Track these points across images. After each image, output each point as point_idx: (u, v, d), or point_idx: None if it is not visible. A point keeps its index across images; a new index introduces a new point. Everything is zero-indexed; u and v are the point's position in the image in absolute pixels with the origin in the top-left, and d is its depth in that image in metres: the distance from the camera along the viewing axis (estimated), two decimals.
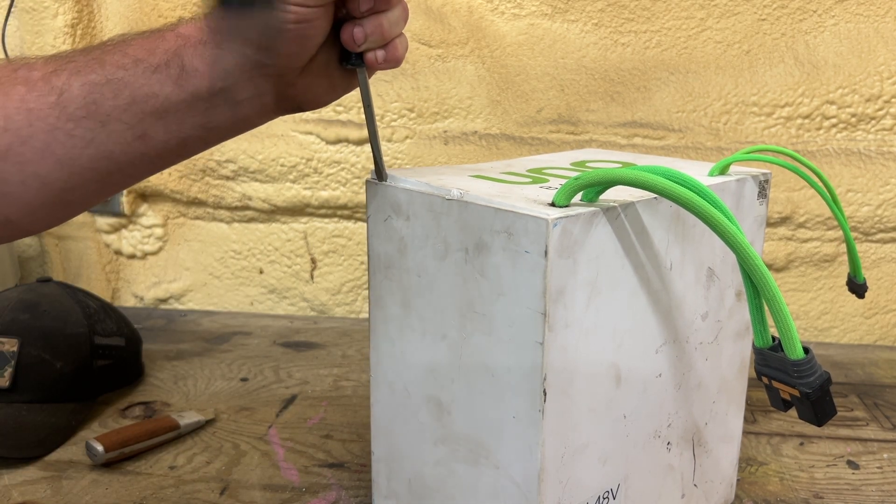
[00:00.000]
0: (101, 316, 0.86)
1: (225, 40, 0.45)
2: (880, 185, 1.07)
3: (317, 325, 1.13)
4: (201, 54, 0.45)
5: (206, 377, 0.92)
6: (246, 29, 0.44)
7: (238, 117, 0.47)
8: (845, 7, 1.03)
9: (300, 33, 0.44)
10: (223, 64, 0.45)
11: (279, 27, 0.43)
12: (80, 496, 0.67)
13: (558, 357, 0.45)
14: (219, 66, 0.45)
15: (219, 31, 0.45)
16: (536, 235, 0.43)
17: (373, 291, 0.55)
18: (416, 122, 1.11)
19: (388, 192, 0.52)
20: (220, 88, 0.45)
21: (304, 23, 0.44)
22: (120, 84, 0.44)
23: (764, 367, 0.44)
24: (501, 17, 1.07)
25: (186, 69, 0.45)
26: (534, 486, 0.47)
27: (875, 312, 1.12)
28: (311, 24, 0.44)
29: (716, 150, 1.08)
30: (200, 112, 0.46)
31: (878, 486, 0.71)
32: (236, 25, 0.44)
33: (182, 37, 0.45)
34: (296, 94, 0.49)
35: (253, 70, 0.45)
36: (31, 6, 1.09)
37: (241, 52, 0.45)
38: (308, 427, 0.80)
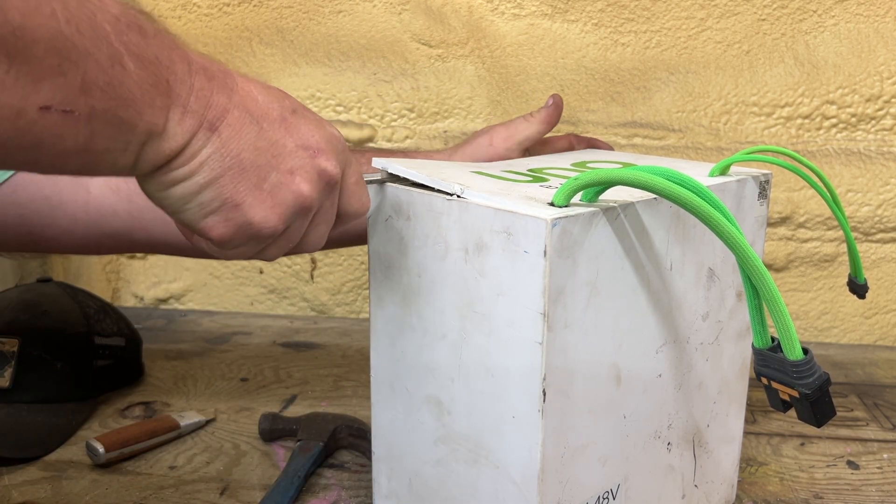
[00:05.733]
0: (101, 316, 0.86)
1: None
2: (880, 185, 1.07)
3: (317, 325, 1.13)
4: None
5: (206, 377, 0.92)
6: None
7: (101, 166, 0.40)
8: (845, 7, 1.03)
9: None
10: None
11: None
12: (80, 496, 0.67)
13: (558, 357, 0.45)
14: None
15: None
16: (536, 235, 0.43)
17: (373, 291, 0.55)
18: (416, 122, 1.11)
19: (388, 192, 0.52)
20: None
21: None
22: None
23: (763, 368, 0.44)
24: (501, 17, 1.07)
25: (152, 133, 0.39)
26: (533, 486, 0.47)
27: (875, 312, 1.12)
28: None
29: (716, 151, 1.08)
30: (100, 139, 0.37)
31: (878, 487, 0.71)
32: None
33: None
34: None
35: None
36: None
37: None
38: None
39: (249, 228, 0.43)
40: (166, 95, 0.38)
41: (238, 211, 0.42)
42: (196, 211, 0.42)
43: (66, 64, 0.34)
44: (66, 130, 0.35)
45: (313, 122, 0.45)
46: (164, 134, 0.39)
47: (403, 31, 1.09)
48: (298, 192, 0.43)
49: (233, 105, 0.41)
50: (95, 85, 0.35)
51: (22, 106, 0.33)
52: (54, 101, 0.34)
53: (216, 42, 1.13)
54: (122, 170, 0.39)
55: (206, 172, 0.41)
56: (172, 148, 0.39)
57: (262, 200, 0.42)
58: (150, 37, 0.38)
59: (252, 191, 0.42)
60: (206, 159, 0.40)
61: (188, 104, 0.39)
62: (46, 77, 0.33)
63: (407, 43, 1.09)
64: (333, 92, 1.12)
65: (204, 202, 0.41)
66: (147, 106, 0.37)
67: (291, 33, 1.11)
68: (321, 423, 0.75)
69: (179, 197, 0.41)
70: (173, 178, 0.40)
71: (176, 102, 0.39)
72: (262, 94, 0.43)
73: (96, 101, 0.35)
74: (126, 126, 0.37)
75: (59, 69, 0.34)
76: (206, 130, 0.40)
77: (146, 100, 0.37)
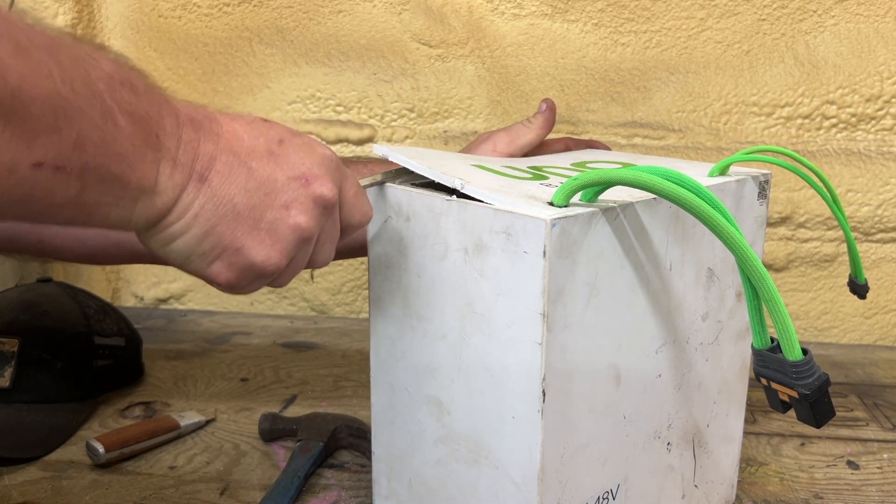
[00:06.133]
0: (101, 316, 0.86)
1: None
2: (880, 185, 1.07)
3: (317, 325, 1.13)
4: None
5: (206, 377, 0.92)
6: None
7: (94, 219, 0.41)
8: (845, 7, 1.03)
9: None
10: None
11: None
12: (80, 496, 0.67)
13: (557, 357, 0.45)
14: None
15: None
16: (535, 236, 0.43)
17: (373, 291, 0.55)
18: (416, 122, 1.11)
19: (388, 193, 0.52)
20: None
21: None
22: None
23: (763, 369, 0.44)
24: (501, 17, 1.07)
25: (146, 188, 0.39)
26: (533, 487, 0.47)
27: (875, 312, 1.12)
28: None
29: (716, 151, 1.08)
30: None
31: (878, 487, 0.71)
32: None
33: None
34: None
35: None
36: (31, 6, 1.09)
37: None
38: None
39: (254, 269, 0.44)
40: (156, 150, 0.39)
41: (240, 255, 0.43)
42: (200, 261, 0.43)
43: (60, 122, 0.34)
44: (58, 185, 0.36)
45: (302, 148, 0.45)
46: (156, 188, 0.39)
47: (403, 31, 1.09)
48: (296, 226, 0.44)
49: (220, 151, 0.42)
50: (89, 141, 0.36)
51: (15, 163, 0.33)
52: (47, 158, 0.34)
53: (216, 42, 1.13)
54: (116, 223, 0.40)
55: (202, 223, 0.41)
56: (165, 203, 0.40)
57: (261, 240, 0.43)
58: (142, 93, 0.39)
59: (250, 233, 0.43)
60: (199, 210, 0.41)
61: (177, 157, 0.40)
62: (41, 135, 0.34)
63: (407, 43, 1.09)
64: (333, 92, 1.12)
65: (205, 251, 0.42)
66: (139, 161, 0.38)
67: (291, 33, 1.11)
68: (321, 423, 0.75)
69: (181, 251, 0.42)
70: (171, 233, 0.42)
71: (166, 156, 0.39)
72: (247, 131, 0.44)
73: (89, 157, 0.36)
74: (118, 181, 0.38)
75: (53, 127, 0.34)
76: (196, 182, 0.41)
77: (137, 155, 0.38)
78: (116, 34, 1.15)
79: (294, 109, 1.13)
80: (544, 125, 0.73)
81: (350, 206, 0.48)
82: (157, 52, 1.14)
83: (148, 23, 1.13)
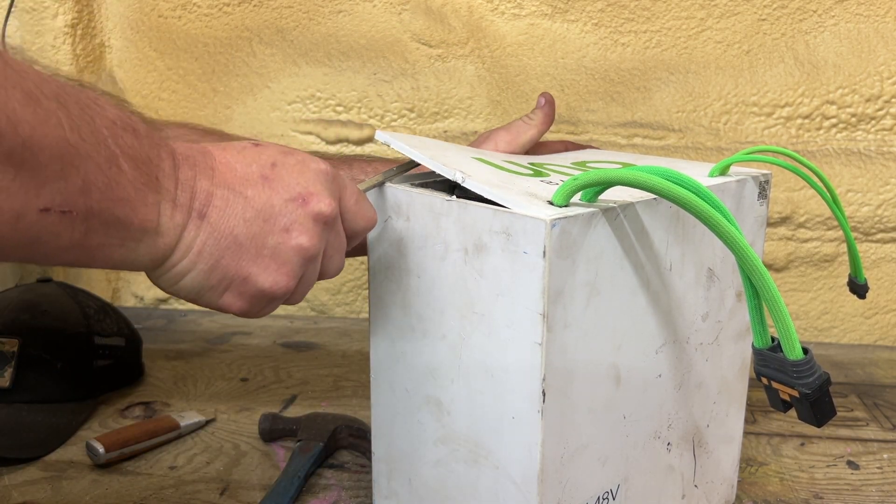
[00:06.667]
0: (101, 316, 0.86)
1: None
2: (880, 185, 1.07)
3: (317, 325, 1.13)
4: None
5: (206, 377, 0.92)
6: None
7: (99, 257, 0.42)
8: (845, 7, 1.03)
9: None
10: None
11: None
12: (80, 496, 0.67)
13: (557, 357, 0.45)
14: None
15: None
16: (535, 236, 0.43)
17: (373, 292, 0.55)
18: (416, 122, 1.11)
19: (387, 193, 0.52)
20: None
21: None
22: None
23: (763, 368, 0.44)
24: (501, 17, 1.07)
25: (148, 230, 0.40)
26: (533, 487, 0.47)
27: (875, 312, 1.12)
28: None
29: (716, 151, 1.08)
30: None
31: (878, 487, 0.71)
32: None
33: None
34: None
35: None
36: (31, 6, 1.09)
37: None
38: None
39: (264, 295, 0.45)
40: (157, 192, 0.40)
41: (248, 283, 0.44)
42: (211, 294, 0.44)
43: (68, 168, 0.35)
44: (63, 229, 0.36)
45: (295, 168, 0.45)
46: (158, 229, 0.40)
47: (403, 31, 1.09)
48: (299, 247, 0.44)
49: (215, 186, 0.42)
50: (94, 186, 0.37)
51: (24, 209, 0.34)
52: (54, 203, 0.35)
53: (216, 42, 1.13)
54: (120, 263, 0.41)
55: (206, 258, 0.42)
56: (168, 243, 0.41)
57: (266, 267, 0.44)
58: (143, 137, 0.40)
59: (255, 261, 0.43)
60: (202, 247, 0.42)
61: (177, 198, 0.41)
62: (49, 181, 0.35)
63: (407, 43, 1.09)
64: (333, 92, 1.12)
65: (214, 285, 0.44)
66: (141, 204, 0.39)
67: (291, 33, 1.11)
68: (321, 423, 0.75)
69: (191, 287, 0.43)
70: (178, 272, 0.43)
71: (166, 198, 0.40)
72: (239, 160, 0.44)
73: (94, 202, 0.37)
74: (121, 223, 0.39)
75: (61, 173, 0.35)
76: (196, 219, 0.42)
77: (139, 198, 0.39)
78: (116, 34, 1.15)
79: (294, 109, 1.13)
80: (544, 120, 0.72)
81: (353, 215, 0.49)
82: (157, 52, 1.14)
83: (148, 23, 1.13)
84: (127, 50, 1.15)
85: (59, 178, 0.35)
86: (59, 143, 0.35)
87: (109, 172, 0.37)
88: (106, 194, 0.37)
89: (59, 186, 0.35)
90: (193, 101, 1.14)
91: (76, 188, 0.36)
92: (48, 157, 0.34)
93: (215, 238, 0.42)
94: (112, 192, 0.37)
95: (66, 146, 0.35)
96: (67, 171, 0.35)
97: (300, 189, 0.45)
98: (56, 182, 0.35)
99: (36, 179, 0.34)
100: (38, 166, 0.34)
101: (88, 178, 0.36)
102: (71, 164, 0.35)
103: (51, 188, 0.35)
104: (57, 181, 0.35)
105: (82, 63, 1.13)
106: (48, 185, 0.35)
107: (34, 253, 0.37)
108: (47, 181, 0.34)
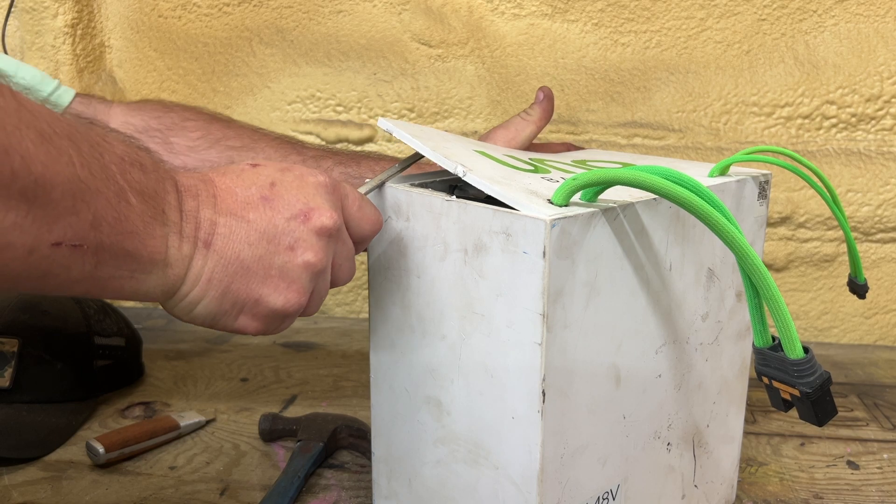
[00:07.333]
0: (101, 316, 0.86)
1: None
2: (880, 185, 1.07)
3: (317, 325, 1.13)
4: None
5: (206, 377, 0.92)
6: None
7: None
8: (845, 7, 1.02)
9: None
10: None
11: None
12: (80, 496, 0.67)
13: (557, 358, 0.45)
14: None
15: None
16: (535, 236, 0.43)
17: (373, 292, 0.55)
18: (416, 122, 1.11)
19: (387, 193, 0.52)
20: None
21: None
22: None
23: (764, 367, 0.44)
24: (501, 17, 1.07)
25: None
26: (533, 487, 0.47)
27: (875, 312, 1.12)
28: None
29: (716, 151, 1.08)
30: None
31: (878, 487, 0.71)
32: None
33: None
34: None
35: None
36: (31, 6, 1.09)
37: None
38: None
39: (277, 314, 0.45)
40: (164, 224, 0.41)
41: (260, 305, 0.45)
42: (225, 319, 0.45)
43: (79, 204, 0.36)
44: (74, 262, 0.37)
45: (294, 184, 0.46)
46: (167, 260, 0.41)
47: (403, 31, 1.09)
48: (306, 264, 0.45)
49: (218, 214, 0.43)
50: (104, 221, 0.37)
51: (36, 244, 0.35)
52: (66, 238, 0.36)
53: (216, 42, 1.13)
54: (130, 294, 0.42)
55: (216, 286, 0.43)
56: (177, 274, 0.42)
57: (276, 287, 0.44)
58: (150, 171, 0.41)
59: (264, 282, 0.44)
60: (211, 275, 0.43)
61: (182, 230, 0.42)
62: (61, 217, 0.35)
63: (407, 43, 1.09)
64: (333, 92, 1.12)
65: (227, 310, 0.44)
66: (149, 237, 0.40)
67: (291, 33, 1.11)
68: (321, 423, 0.75)
69: (206, 314, 0.44)
70: (190, 301, 0.43)
71: (173, 230, 0.41)
72: (239, 184, 0.45)
73: (104, 236, 0.38)
74: (130, 256, 0.39)
75: (72, 209, 0.36)
76: (203, 249, 0.42)
77: (148, 231, 0.40)
78: (116, 34, 1.15)
79: (294, 109, 1.13)
80: (543, 116, 0.72)
81: (357, 221, 0.49)
82: (157, 52, 1.14)
83: (148, 23, 1.13)
84: (127, 50, 1.15)
85: (71, 213, 0.36)
86: (71, 179, 0.36)
87: (119, 207, 0.38)
88: (115, 228, 0.38)
89: (70, 221, 0.36)
90: (193, 101, 1.14)
91: (87, 223, 0.37)
92: (60, 193, 0.35)
93: (223, 265, 0.43)
94: (121, 226, 0.38)
95: (77, 183, 0.36)
96: (78, 206, 0.36)
97: (301, 206, 0.45)
98: (68, 217, 0.36)
99: (48, 215, 0.35)
100: (51, 203, 0.35)
101: (98, 213, 0.37)
102: (82, 199, 0.36)
103: (63, 223, 0.36)
104: (68, 216, 0.36)
105: (82, 63, 1.13)
106: (60, 221, 0.35)
107: (46, 285, 0.38)
108: (59, 217, 0.35)
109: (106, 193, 0.37)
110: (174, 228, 0.41)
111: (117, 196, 0.38)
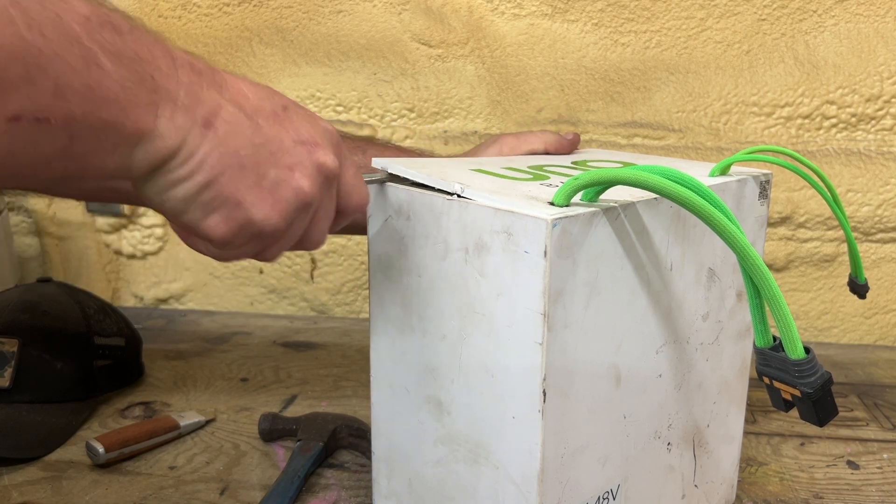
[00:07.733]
0: (101, 316, 0.86)
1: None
2: (880, 185, 1.07)
3: (317, 325, 1.13)
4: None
5: (206, 377, 0.92)
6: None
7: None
8: (845, 7, 1.03)
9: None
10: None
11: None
12: (80, 496, 0.67)
13: (558, 357, 0.45)
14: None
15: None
16: (536, 236, 0.43)
17: (373, 292, 0.55)
18: (416, 122, 1.11)
19: (388, 192, 0.52)
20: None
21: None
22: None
23: (765, 367, 0.44)
24: (501, 17, 1.07)
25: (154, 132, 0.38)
26: (533, 487, 0.47)
27: (875, 312, 1.12)
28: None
29: (716, 150, 1.08)
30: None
31: (878, 486, 0.71)
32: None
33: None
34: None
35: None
36: None
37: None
38: None
39: (251, 227, 0.42)
40: (152, 91, 0.37)
41: (240, 210, 0.41)
42: (197, 211, 0.41)
43: (32, 70, 0.33)
44: (42, 138, 0.34)
45: (306, 117, 0.45)
46: (156, 132, 0.38)
47: (403, 31, 1.09)
48: (299, 189, 0.43)
49: (225, 101, 0.40)
50: (70, 89, 0.34)
51: None
52: (24, 111, 0.33)
53: (216, 42, 1.13)
54: (115, 172, 0.38)
55: (206, 171, 0.40)
56: (168, 146, 0.38)
57: (263, 198, 0.42)
58: (126, 33, 0.37)
59: (252, 189, 0.41)
60: (205, 157, 0.39)
61: (178, 99, 0.38)
62: (12, 87, 0.32)
63: (407, 43, 1.09)
64: (333, 92, 1.12)
65: (205, 202, 0.40)
66: (132, 105, 0.36)
67: (291, 33, 1.11)
68: (321, 423, 0.75)
69: (181, 199, 0.40)
70: (173, 178, 0.39)
71: (164, 98, 0.38)
72: (252, 90, 0.42)
73: (73, 106, 0.34)
74: (111, 127, 0.36)
75: (25, 77, 0.32)
76: (202, 127, 0.39)
77: (130, 98, 0.36)
78: None
79: None
80: (555, 143, 0.73)
81: (349, 187, 0.47)
82: None
83: (148, 23, 1.13)
84: None
85: (24, 82, 0.32)
86: (16, 41, 0.32)
87: (87, 72, 0.34)
88: (86, 96, 0.34)
89: (27, 92, 0.32)
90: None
91: (47, 91, 0.33)
92: (4, 59, 0.31)
93: (220, 152, 0.40)
94: (93, 94, 0.34)
95: (24, 45, 0.32)
96: (32, 73, 0.32)
97: (309, 136, 0.43)
98: (21, 87, 0.32)
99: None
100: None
101: (61, 80, 0.33)
102: (35, 64, 0.32)
103: (16, 94, 0.32)
104: (22, 86, 0.32)
105: None
106: (12, 91, 0.32)
107: (16, 164, 0.34)
108: (10, 86, 0.32)
109: (67, 57, 0.33)
110: (167, 97, 0.37)
111: (84, 60, 0.34)
